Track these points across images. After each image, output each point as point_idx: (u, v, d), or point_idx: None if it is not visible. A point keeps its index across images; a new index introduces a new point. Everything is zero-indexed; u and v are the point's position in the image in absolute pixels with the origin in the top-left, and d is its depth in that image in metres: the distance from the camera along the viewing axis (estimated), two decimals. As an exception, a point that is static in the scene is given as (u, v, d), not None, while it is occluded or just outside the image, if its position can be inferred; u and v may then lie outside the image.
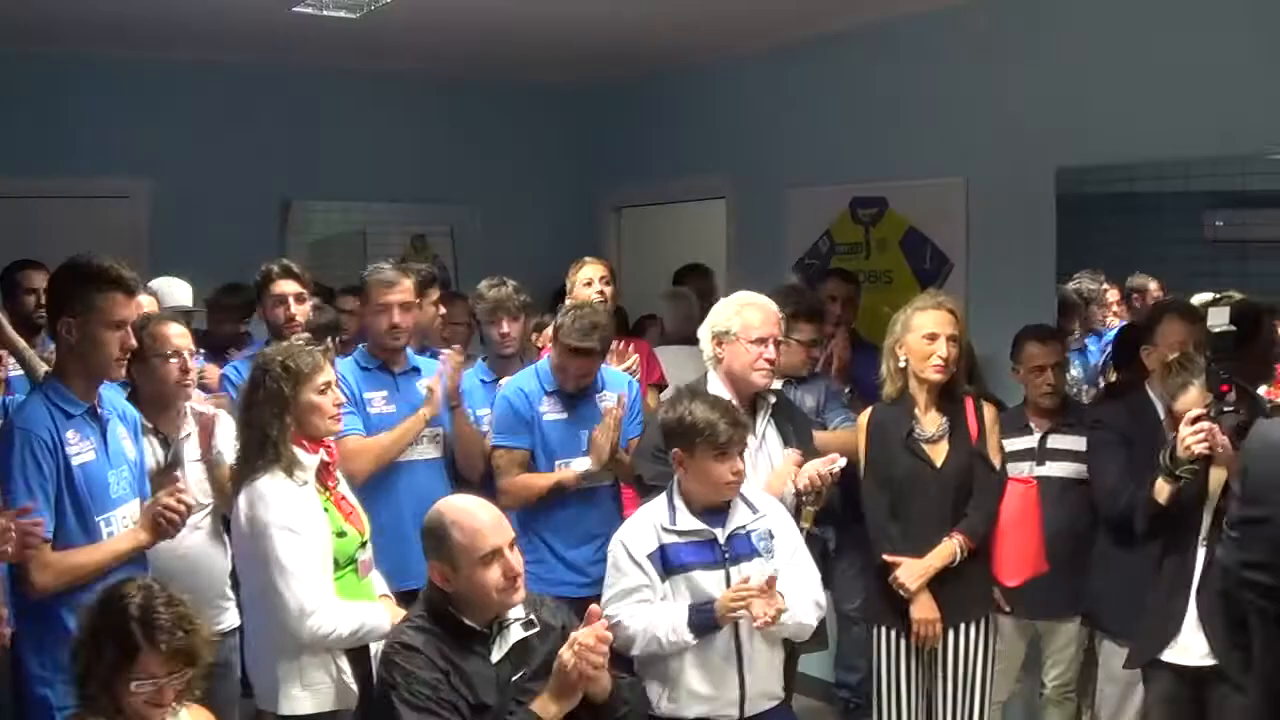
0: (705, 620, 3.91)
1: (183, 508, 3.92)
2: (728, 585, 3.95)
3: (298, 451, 3.94)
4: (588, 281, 5.93)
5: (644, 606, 3.97)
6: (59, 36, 7.05)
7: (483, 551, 3.43)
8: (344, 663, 3.87)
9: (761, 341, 4.58)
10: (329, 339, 4.27)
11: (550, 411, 5.12)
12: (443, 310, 6.29)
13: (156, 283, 6.27)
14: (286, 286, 5.54)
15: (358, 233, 8.58)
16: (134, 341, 3.91)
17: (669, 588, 3.99)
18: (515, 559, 3.50)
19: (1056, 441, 5.14)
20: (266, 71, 7.93)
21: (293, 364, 3.95)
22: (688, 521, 4.04)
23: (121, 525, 3.90)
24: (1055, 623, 5.21)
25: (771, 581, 3.89)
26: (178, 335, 4.53)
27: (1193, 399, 4.01)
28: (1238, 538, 2.28)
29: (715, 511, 4.07)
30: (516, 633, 3.53)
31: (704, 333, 4.73)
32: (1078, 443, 5.00)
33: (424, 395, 5.12)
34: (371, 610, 3.92)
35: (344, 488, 4.18)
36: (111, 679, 3.12)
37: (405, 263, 5.77)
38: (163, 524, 3.89)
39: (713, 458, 3.98)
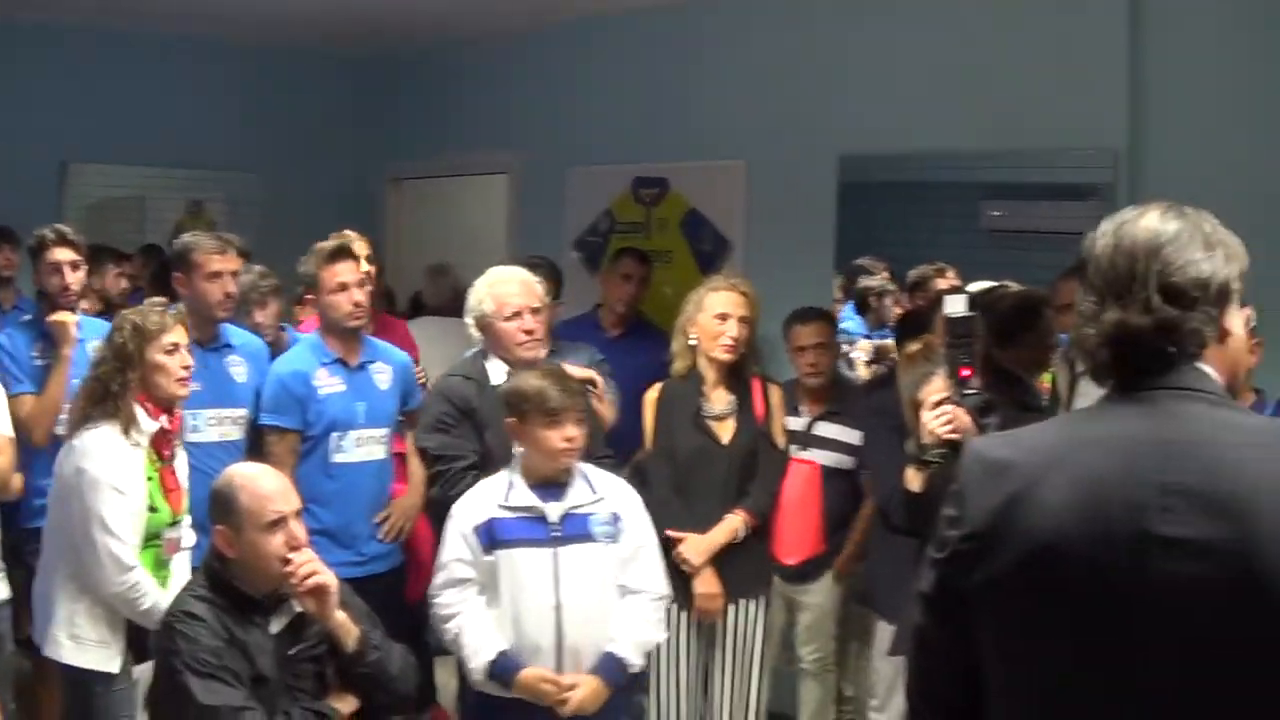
0: (503, 678, 3.80)
1: None
2: (554, 565, 3.86)
3: (139, 412, 4.04)
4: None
5: (468, 606, 3.87)
6: None
7: (268, 518, 3.43)
8: (119, 630, 3.96)
9: (518, 315, 4.51)
10: (178, 302, 4.37)
11: (326, 385, 4.96)
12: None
13: None
14: (62, 254, 5.30)
15: (136, 197, 8.40)
16: None
17: (494, 561, 3.87)
18: (299, 529, 3.50)
19: (822, 429, 5.20)
20: (47, 29, 7.72)
21: (141, 322, 4.12)
22: (522, 497, 3.92)
23: None
24: (807, 598, 5.23)
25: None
26: None
27: (936, 387, 4.08)
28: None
29: (552, 487, 3.95)
30: (296, 605, 3.49)
31: (468, 322, 4.65)
32: (844, 433, 5.08)
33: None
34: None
35: (180, 463, 4.24)
36: None
37: (182, 229, 5.54)
38: None
39: (544, 424, 3.88)
